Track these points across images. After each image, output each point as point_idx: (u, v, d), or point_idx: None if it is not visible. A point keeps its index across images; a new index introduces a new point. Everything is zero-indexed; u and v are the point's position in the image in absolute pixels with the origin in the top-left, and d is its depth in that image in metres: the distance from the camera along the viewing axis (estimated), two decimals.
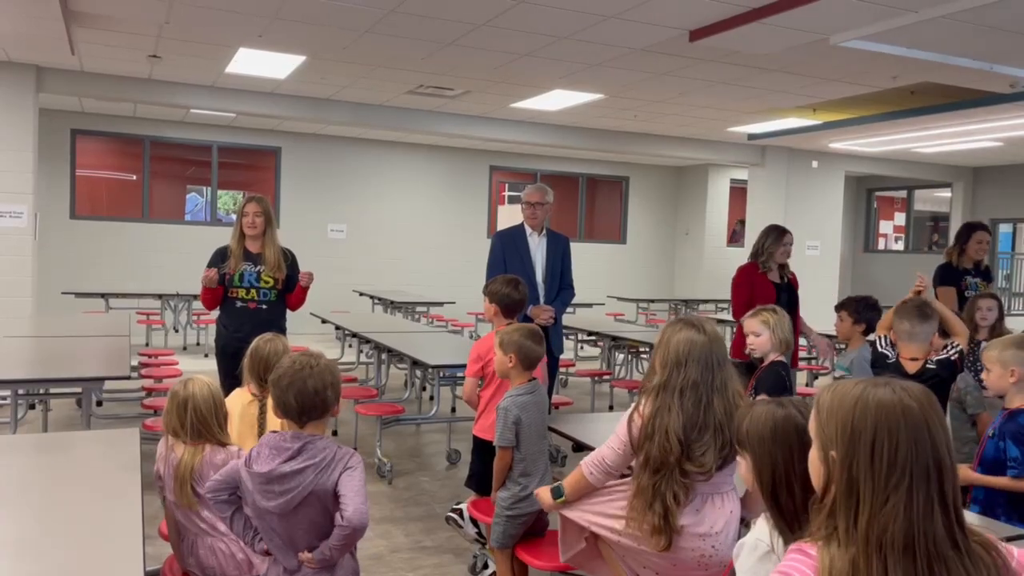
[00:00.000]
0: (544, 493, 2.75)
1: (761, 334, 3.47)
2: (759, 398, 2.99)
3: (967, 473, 3.09)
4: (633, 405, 2.58)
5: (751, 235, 13.96)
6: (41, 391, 5.49)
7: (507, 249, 5.02)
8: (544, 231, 5.10)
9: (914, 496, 1.25)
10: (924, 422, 1.29)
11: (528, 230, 5.07)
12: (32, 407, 6.39)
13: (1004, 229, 14.38)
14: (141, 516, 2.18)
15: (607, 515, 2.58)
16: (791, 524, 1.84)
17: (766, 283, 5.43)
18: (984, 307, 4.96)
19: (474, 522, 3.58)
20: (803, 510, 1.84)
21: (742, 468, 1.95)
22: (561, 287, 5.09)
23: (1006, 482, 2.99)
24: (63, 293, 9.94)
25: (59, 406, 6.42)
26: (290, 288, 4.91)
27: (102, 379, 4.14)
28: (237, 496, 2.29)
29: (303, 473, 2.17)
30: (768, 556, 1.85)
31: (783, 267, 5.56)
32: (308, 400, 2.20)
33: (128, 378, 4.27)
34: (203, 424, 2.63)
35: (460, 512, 3.70)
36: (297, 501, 2.17)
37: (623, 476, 2.61)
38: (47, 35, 6.71)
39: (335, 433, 6.35)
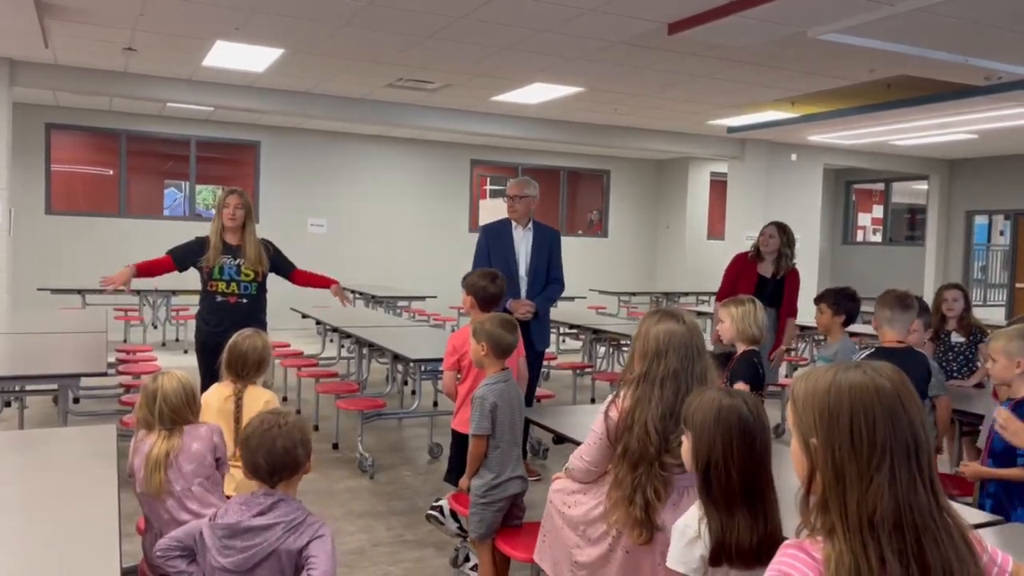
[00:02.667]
0: None
1: (724, 321, 3.58)
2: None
3: (978, 469, 3.07)
4: (610, 398, 2.58)
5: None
6: (17, 388, 5.41)
7: (491, 243, 5.02)
8: (530, 224, 5.09)
9: (897, 473, 1.26)
10: (898, 400, 1.30)
11: (513, 223, 5.06)
12: (8, 404, 6.31)
13: (980, 221, 14.55)
14: (118, 512, 2.16)
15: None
16: (719, 508, 1.90)
17: (751, 273, 5.62)
18: (950, 298, 5.04)
19: (455, 517, 3.58)
20: (735, 498, 1.89)
21: (684, 448, 1.99)
22: (548, 281, 5.08)
23: (1018, 472, 2.95)
24: (39, 289, 9.81)
25: (35, 403, 6.34)
26: (284, 272, 4.95)
27: (78, 376, 4.10)
28: (192, 551, 2.19)
29: (272, 529, 2.10)
30: (694, 542, 1.91)
31: (779, 260, 5.65)
32: (278, 459, 2.14)
33: (105, 375, 4.23)
34: (175, 414, 2.64)
35: (440, 509, 3.70)
36: (258, 559, 2.09)
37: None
38: (20, 28, 6.61)
39: (316, 429, 6.32)
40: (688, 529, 1.95)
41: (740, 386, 3.37)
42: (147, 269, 4.74)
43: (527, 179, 5.18)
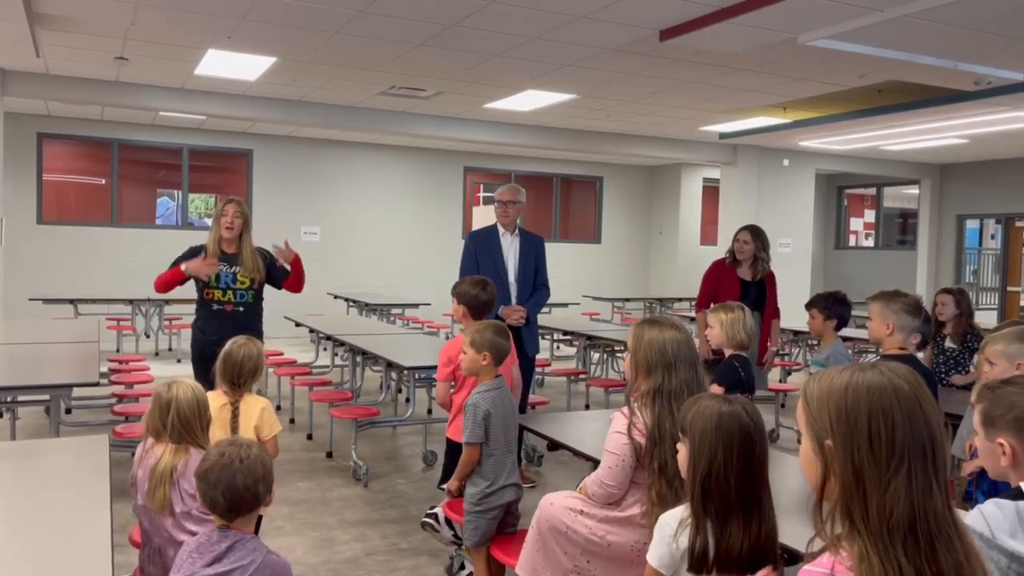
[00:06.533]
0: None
1: (713, 327, 3.61)
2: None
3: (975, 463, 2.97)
4: (621, 419, 2.54)
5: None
6: (9, 399, 5.39)
7: (479, 249, 5.02)
8: (517, 231, 5.11)
9: (913, 477, 1.24)
10: (916, 401, 1.28)
11: (501, 230, 5.07)
12: (0, 415, 6.28)
13: (971, 225, 14.62)
14: (110, 524, 2.15)
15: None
16: (715, 516, 1.88)
17: (732, 279, 5.64)
18: (939, 302, 5.06)
19: (450, 524, 3.58)
20: (731, 506, 1.88)
21: (680, 454, 1.98)
22: (535, 287, 5.09)
23: None
24: (31, 299, 9.78)
25: (27, 414, 6.31)
26: (276, 282, 4.91)
27: (70, 386, 4.08)
28: None
29: None
30: (672, 541, 1.90)
31: (755, 264, 5.66)
32: (237, 496, 2.04)
33: (97, 385, 4.20)
34: (185, 427, 2.58)
35: (435, 516, 3.69)
36: None
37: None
38: (11, 37, 6.60)
39: (309, 437, 6.31)
40: (667, 527, 1.95)
41: (714, 389, 3.37)
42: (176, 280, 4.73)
43: (517, 186, 5.20)
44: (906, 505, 1.23)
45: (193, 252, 4.79)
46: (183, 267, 4.63)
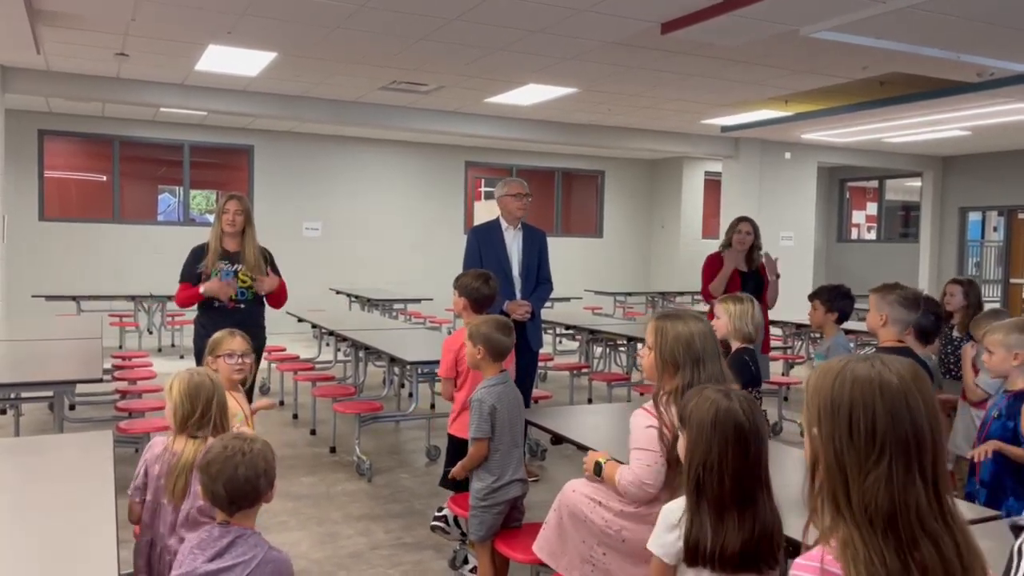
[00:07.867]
0: (592, 458, 2.63)
1: (720, 318, 3.58)
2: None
3: (996, 444, 3.01)
4: (648, 416, 2.45)
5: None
6: (13, 395, 5.40)
7: (483, 244, 5.02)
8: (520, 225, 5.11)
9: (893, 470, 1.25)
10: (903, 395, 1.28)
11: (504, 224, 5.07)
12: (3, 412, 6.30)
13: (974, 217, 14.59)
14: (115, 520, 2.15)
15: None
16: (709, 511, 1.88)
17: (732, 271, 5.71)
18: (948, 292, 5.10)
19: (457, 524, 3.58)
20: (725, 502, 1.88)
21: (680, 444, 1.99)
22: (539, 282, 5.09)
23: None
24: (33, 296, 9.80)
25: (31, 410, 6.33)
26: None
27: (74, 382, 4.09)
28: None
29: (231, 572, 1.99)
30: (672, 530, 1.91)
31: (751, 254, 5.76)
32: (238, 489, 2.04)
33: (100, 381, 4.21)
34: (222, 413, 2.57)
35: (444, 519, 3.69)
36: None
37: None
38: (11, 34, 6.59)
39: (313, 433, 6.32)
40: (671, 515, 1.95)
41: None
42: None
43: (522, 180, 5.22)
44: (885, 498, 1.24)
45: (197, 252, 4.79)
46: (201, 289, 4.66)
